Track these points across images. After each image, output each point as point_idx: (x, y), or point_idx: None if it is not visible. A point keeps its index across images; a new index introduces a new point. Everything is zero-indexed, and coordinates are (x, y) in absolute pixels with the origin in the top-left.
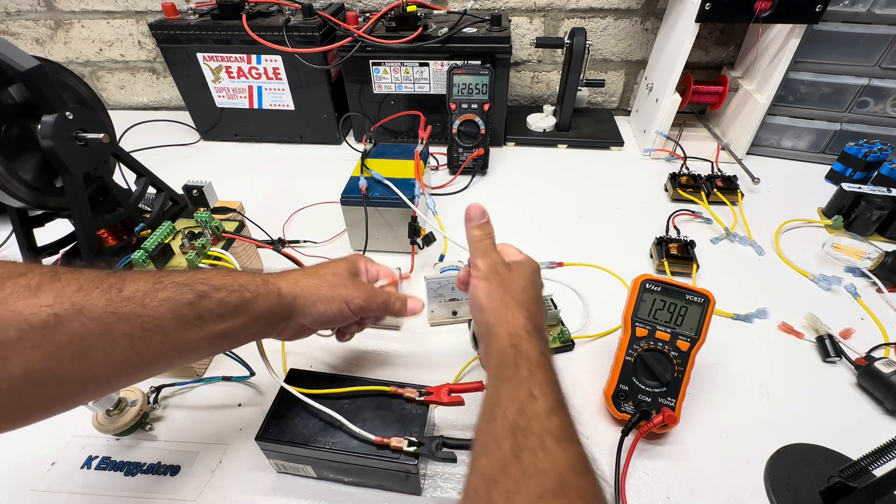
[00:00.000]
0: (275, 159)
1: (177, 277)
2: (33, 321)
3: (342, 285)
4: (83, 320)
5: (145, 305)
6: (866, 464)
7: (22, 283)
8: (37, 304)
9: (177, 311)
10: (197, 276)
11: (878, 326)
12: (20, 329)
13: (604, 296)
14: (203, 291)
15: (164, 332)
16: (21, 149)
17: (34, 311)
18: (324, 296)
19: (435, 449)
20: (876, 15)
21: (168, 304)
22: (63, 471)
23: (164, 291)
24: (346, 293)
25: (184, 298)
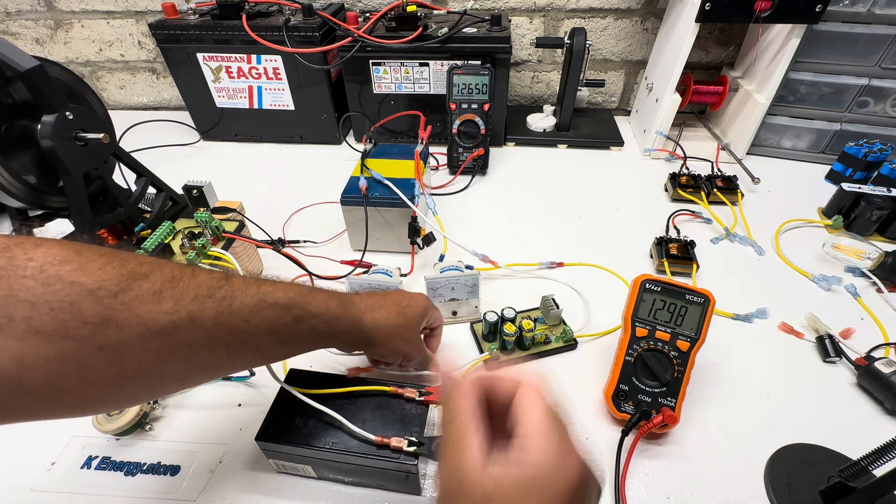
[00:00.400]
0: (275, 159)
1: (279, 295)
2: (153, 327)
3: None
4: (195, 330)
5: (248, 321)
6: (866, 464)
7: (146, 288)
8: (157, 310)
9: (274, 330)
10: (296, 298)
11: (878, 326)
12: (140, 333)
13: (604, 295)
14: (300, 316)
15: (258, 346)
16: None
17: (154, 318)
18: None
19: (435, 449)
20: (876, 15)
21: (268, 324)
22: (63, 471)
23: (267, 311)
24: (407, 350)
25: (282, 320)
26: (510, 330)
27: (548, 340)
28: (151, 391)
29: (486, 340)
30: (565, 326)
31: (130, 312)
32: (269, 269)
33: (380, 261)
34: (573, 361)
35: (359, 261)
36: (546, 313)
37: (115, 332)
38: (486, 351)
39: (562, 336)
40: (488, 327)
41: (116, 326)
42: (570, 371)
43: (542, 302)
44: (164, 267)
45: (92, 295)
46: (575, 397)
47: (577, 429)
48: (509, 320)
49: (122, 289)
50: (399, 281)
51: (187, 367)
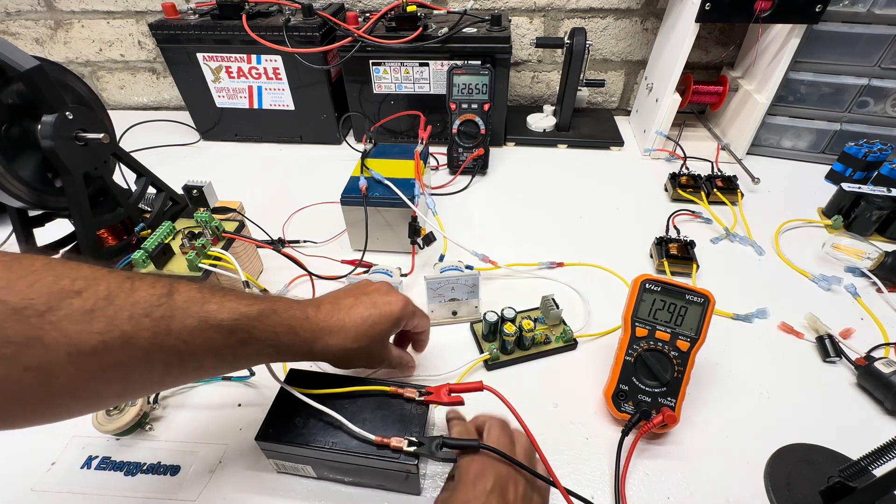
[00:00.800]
0: (275, 159)
1: (223, 317)
2: (82, 347)
3: (366, 357)
4: (129, 350)
5: (188, 343)
6: (866, 464)
7: (77, 306)
8: (88, 329)
9: (216, 351)
10: (242, 321)
11: (878, 326)
12: (69, 353)
13: (604, 295)
14: (245, 339)
15: (201, 366)
16: (21, 149)
17: (84, 338)
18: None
19: (435, 449)
20: (876, 15)
21: (209, 345)
22: (63, 471)
23: (210, 332)
24: (361, 365)
25: (225, 342)
26: (510, 330)
27: (548, 340)
28: (87, 406)
29: (486, 340)
30: (565, 326)
31: (58, 332)
32: (269, 269)
33: (380, 261)
34: (573, 361)
35: (359, 261)
36: (546, 313)
37: (41, 352)
38: (486, 351)
39: (562, 336)
40: (488, 327)
41: (42, 346)
42: (570, 371)
43: (542, 302)
44: (100, 283)
45: (17, 314)
46: (575, 397)
47: (577, 428)
48: (509, 320)
49: (50, 307)
50: (399, 281)
51: (122, 385)
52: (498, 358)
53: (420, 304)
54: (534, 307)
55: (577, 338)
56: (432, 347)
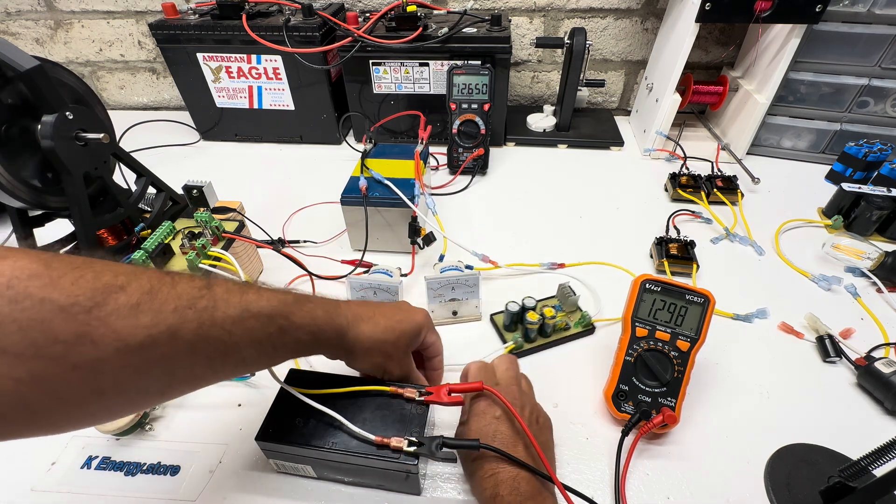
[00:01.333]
0: (275, 159)
1: (263, 304)
2: (130, 342)
3: (392, 359)
4: (175, 343)
5: (231, 332)
6: (866, 464)
7: (122, 301)
8: (135, 324)
9: (257, 341)
10: (281, 307)
11: (878, 326)
12: (117, 349)
13: (610, 285)
14: (284, 327)
15: (241, 357)
16: (21, 149)
17: (132, 333)
18: (372, 361)
19: (435, 449)
20: (876, 15)
21: (251, 335)
22: (63, 471)
23: (251, 321)
24: (389, 367)
25: (266, 331)
26: (533, 318)
27: (567, 327)
28: (130, 406)
29: (507, 331)
30: (582, 312)
31: (106, 328)
32: (269, 269)
33: (380, 261)
34: (572, 362)
35: (359, 261)
36: (564, 300)
37: (91, 350)
38: (511, 341)
39: (580, 321)
40: (510, 317)
41: (92, 343)
42: (569, 371)
43: (560, 290)
44: (141, 277)
45: (64, 312)
46: (575, 397)
47: (577, 428)
48: (531, 309)
49: (96, 303)
50: (399, 281)
51: (167, 381)
52: (522, 346)
53: (420, 304)
54: (548, 296)
55: (594, 322)
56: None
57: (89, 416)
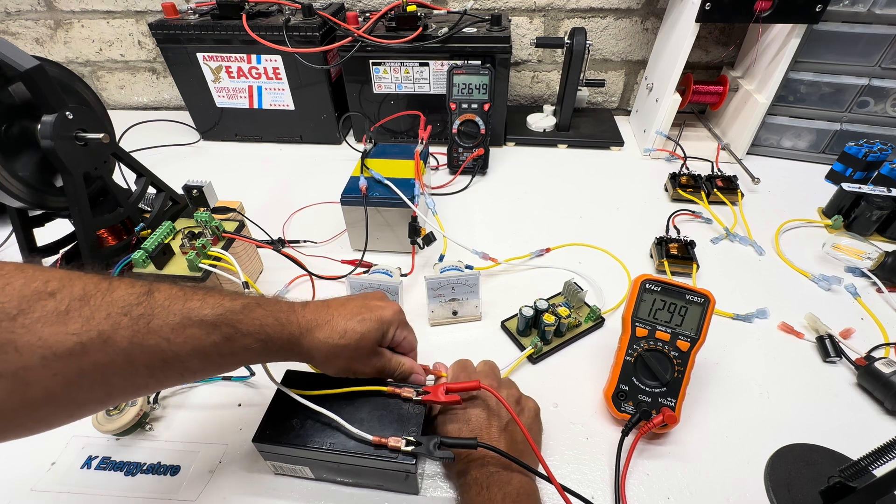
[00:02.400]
0: (275, 159)
1: (206, 312)
2: (58, 349)
3: (357, 359)
4: (108, 351)
5: (171, 341)
6: (866, 464)
7: (50, 308)
8: (63, 331)
9: (200, 349)
10: (227, 315)
11: (878, 326)
12: (44, 357)
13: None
14: (229, 335)
15: (185, 367)
16: (21, 149)
17: (60, 340)
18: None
19: (433, 448)
20: (876, 15)
21: (193, 343)
22: (63, 471)
23: (192, 328)
24: (357, 367)
25: (209, 339)
26: (550, 320)
27: (579, 323)
28: (67, 415)
29: (522, 336)
30: (591, 307)
31: (31, 336)
32: (269, 269)
33: (380, 261)
34: (572, 362)
35: (359, 260)
36: (572, 297)
37: (15, 358)
38: (529, 346)
39: (590, 316)
40: (525, 322)
41: (16, 351)
42: (569, 371)
43: (566, 287)
44: (74, 283)
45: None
46: (575, 397)
47: (577, 429)
48: (546, 311)
49: (22, 311)
50: (399, 281)
51: (104, 389)
52: (542, 350)
53: (420, 304)
54: (551, 295)
55: (603, 314)
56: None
57: (20, 428)
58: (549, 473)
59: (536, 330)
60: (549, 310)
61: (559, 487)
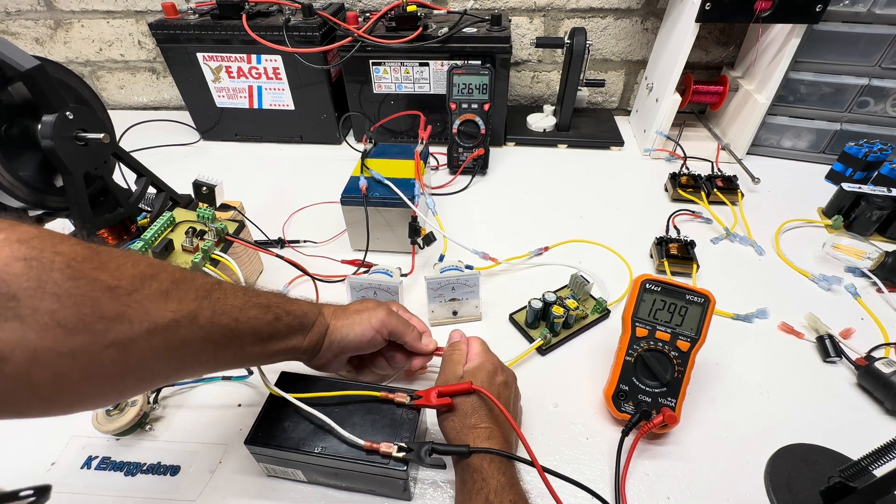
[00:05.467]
0: (275, 159)
1: (261, 299)
2: (159, 323)
3: (366, 309)
4: (192, 327)
5: (238, 320)
6: (866, 464)
7: (155, 287)
8: (164, 308)
9: (256, 328)
10: (274, 299)
11: (878, 326)
12: (148, 329)
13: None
14: (279, 315)
15: (241, 345)
16: (21, 149)
17: (161, 315)
18: (348, 320)
19: (424, 455)
20: (876, 15)
21: (253, 322)
22: (63, 471)
23: (252, 310)
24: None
25: (265, 318)
26: (559, 312)
27: (585, 315)
28: (136, 388)
29: (530, 328)
30: (597, 299)
31: (141, 309)
32: (269, 270)
33: (380, 261)
34: (572, 362)
35: (360, 261)
36: (579, 290)
37: (127, 329)
38: (539, 337)
39: (596, 308)
40: (533, 315)
41: (129, 322)
42: (569, 371)
43: (573, 280)
44: (168, 269)
45: (111, 291)
46: (575, 397)
47: (578, 429)
48: (554, 303)
49: (135, 288)
50: (399, 281)
51: (177, 364)
52: (550, 342)
53: (420, 303)
54: (556, 288)
55: (608, 306)
56: None
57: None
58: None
59: (545, 322)
60: (558, 302)
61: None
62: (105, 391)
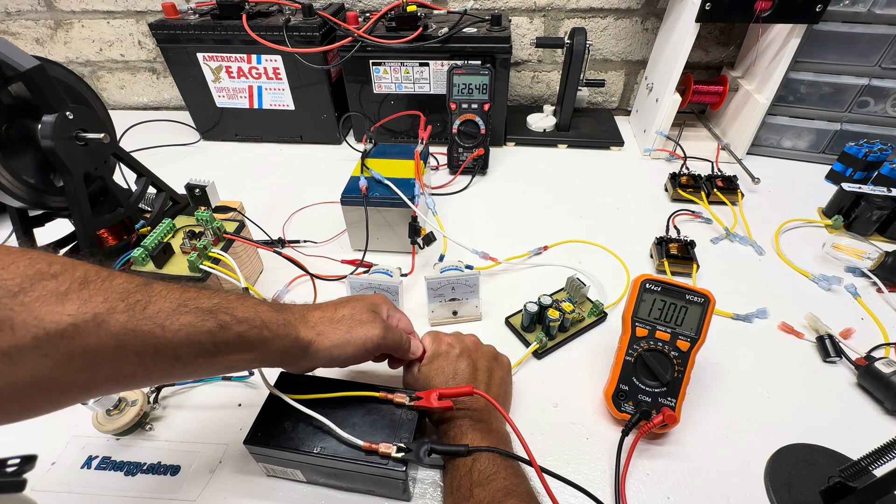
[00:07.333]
0: (275, 159)
1: (202, 302)
2: (51, 329)
3: (359, 324)
4: (100, 334)
5: (164, 328)
6: (866, 464)
7: (51, 288)
8: (60, 311)
9: (194, 338)
10: (222, 303)
11: (878, 326)
12: (36, 336)
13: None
14: (225, 322)
15: (176, 356)
16: (21, 149)
17: (55, 320)
18: (339, 340)
19: (423, 455)
20: (876, 15)
21: (187, 330)
22: (63, 471)
23: (187, 315)
24: (362, 334)
25: (204, 327)
26: (555, 315)
27: (582, 318)
28: (50, 401)
29: (526, 332)
30: (593, 302)
31: (28, 314)
32: (270, 269)
33: (380, 261)
34: (572, 362)
35: (360, 260)
36: (575, 292)
37: (8, 336)
38: (534, 341)
39: (593, 311)
40: (529, 318)
41: (10, 329)
42: (570, 371)
43: (569, 283)
44: (77, 268)
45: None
46: (575, 397)
47: (577, 428)
48: (550, 307)
49: (23, 289)
50: (399, 281)
51: (90, 374)
52: (546, 346)
53: (420, 303)
54: (553, 291)
55: (605, 309)
56: None
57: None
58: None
59: (541, 326)
60: (553, 305)
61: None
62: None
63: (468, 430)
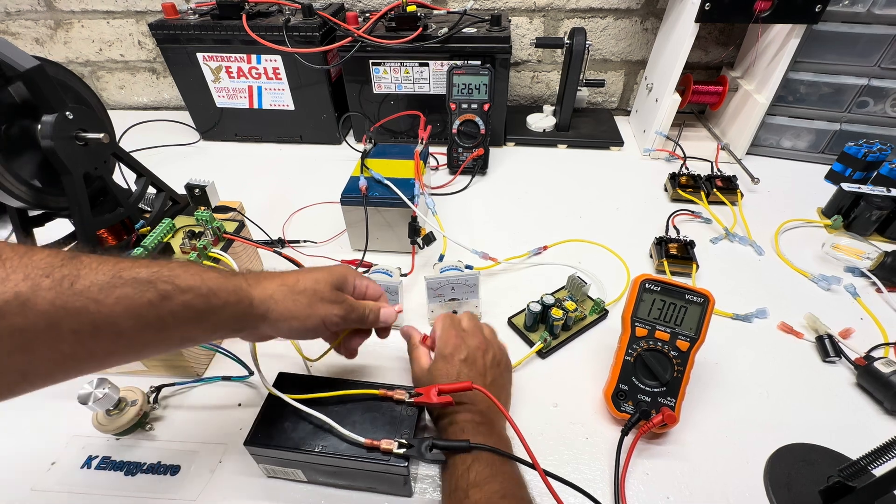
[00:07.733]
0: (275, 159)
1: (139, 271)
2: None
3: (320, 301)
4: (27, 314)
5: (99, 302)
6: (866, 463)
7: None
8: None
9: (134, 311)
10: (162, 271)
11: (877, 326)
12: None
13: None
14: (166, 292)
15: (118, 332)
16: (21, 149)
17: None
18: (300, 313)
19: (424, 451)
20: (876, 15)
21: (125, 303)
22: (63, 471)
23: (123, 288)
24: (323, 312)
25: (143, 298)
26: (558, 314)
27: (584, 316)
28: None
29: (529, 331)
30: (594, 300)
31: None
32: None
33: (380, 261)
34: (572, 361)
35: (360, 261)
36: (576, 291)
37: None
38: (538, 341)
39: (594, 308)
40: (532, 318)
41: None
42: (570, 371)
43: (570, 281)
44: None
45: None
46: (575, 397)
47: (577, 428)
48: (552, 306)
49: None
50: (399, 281)
51: (25, 357)
52: (550, 345)
53: (420, 304)
54: (555, 290)
55: (606, 306)
56: None
57: None
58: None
59: (544, 325)
60: (556, 304)
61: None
62: None
63: (469, 429)
